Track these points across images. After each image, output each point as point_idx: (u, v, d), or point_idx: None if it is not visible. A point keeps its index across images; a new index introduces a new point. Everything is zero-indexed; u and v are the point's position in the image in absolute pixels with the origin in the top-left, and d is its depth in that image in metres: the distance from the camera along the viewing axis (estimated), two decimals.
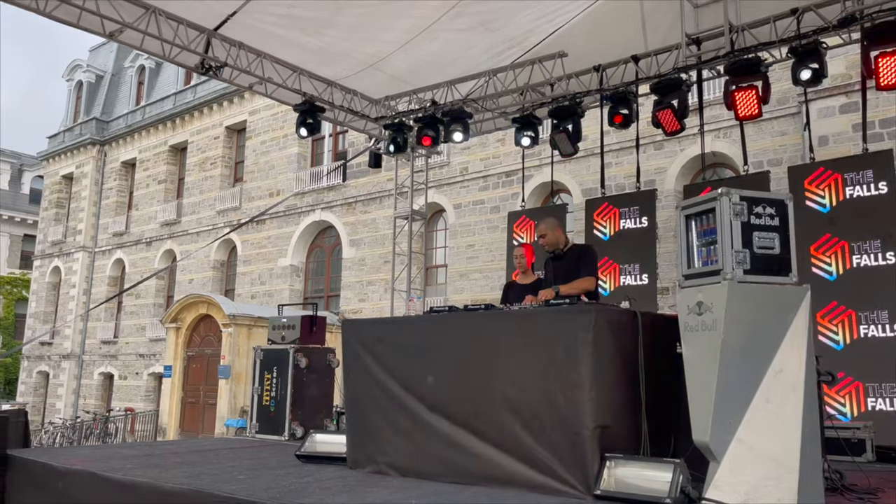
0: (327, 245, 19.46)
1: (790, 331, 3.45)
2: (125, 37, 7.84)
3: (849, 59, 10.43)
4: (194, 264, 22.29)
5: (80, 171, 27.59)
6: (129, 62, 27.09)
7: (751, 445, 3.41)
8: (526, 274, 6.29)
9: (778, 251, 3.48)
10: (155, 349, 22.29)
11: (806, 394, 3.38)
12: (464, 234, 15.84)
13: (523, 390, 3.92)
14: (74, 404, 25.31)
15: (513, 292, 5.95)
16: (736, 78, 7.46)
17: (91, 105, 28.05)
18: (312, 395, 7.15)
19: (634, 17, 8.28)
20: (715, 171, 12.92)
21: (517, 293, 5.67)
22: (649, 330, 3.94)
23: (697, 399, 3.48)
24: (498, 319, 4.25)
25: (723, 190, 3.46)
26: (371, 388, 4.61)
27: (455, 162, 16.28)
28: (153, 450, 5.77)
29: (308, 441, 5.04)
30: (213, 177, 22.48)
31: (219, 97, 22.27)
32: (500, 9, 8.21)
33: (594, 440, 3.60)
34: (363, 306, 17.35)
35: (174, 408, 16.86)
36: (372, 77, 9.58)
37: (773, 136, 11.76)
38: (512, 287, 6.24)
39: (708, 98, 12.00)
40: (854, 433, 5.31)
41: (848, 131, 10.44)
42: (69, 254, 27.02)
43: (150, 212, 24.51)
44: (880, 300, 6.82)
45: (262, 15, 8.01)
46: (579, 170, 13.91)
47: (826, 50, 7.18)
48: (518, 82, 9.19)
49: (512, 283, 6.38)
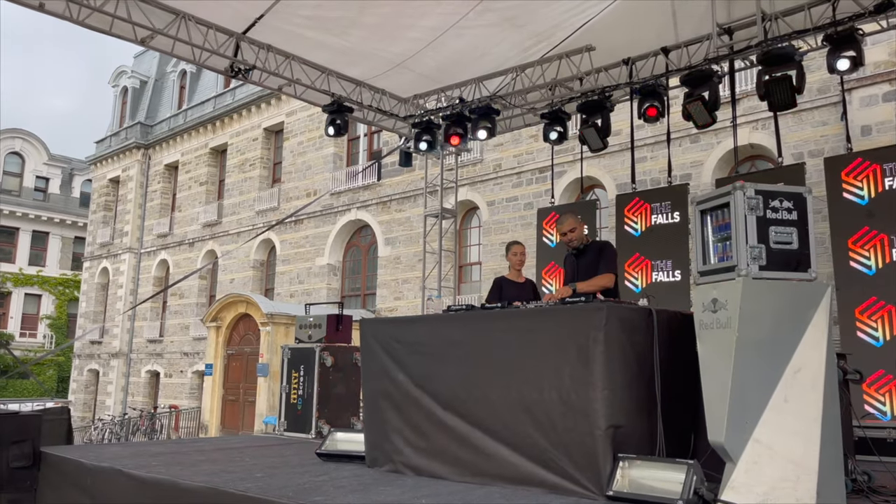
0: (363, 244, 19.61)
1: (810, 328, 3.34)
2: (156, 43, 8.00)
3: (892, 45, 10.06)
4: (235, 264, 22.71)
5: (126, 174, 28.36)
6: (171, 67, 27.74)
7: (769, 446, 3.31)
8: (518, 272, 6.16)
9: (796, 246, 3.37)
10: (198, 347, 22.79)
11: (826, 393, 3.26)
12: (497, 231, 15.78)
13: (537, 389, 3.88)
14: (123, 401, 26.06)
15: (507, 290, 5.83)
16: (769, 67, 7.25)
17: (136, 110, 28.80)
18: (339, 394, 7.21)
19: (664, 7, 8.11)
20: (754, 163, 12.61)
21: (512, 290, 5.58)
22: (665, 328, 3.86)
23: (712, 398, 3.39)
24: (513, 318, 4.21)
25: (737, 183, 3.36)
26: (387, 387, 4.62)
27: (488, 159, 16.22)
28: (181, 447, 5.89)
29: (329, 439, 5.08)
30: (251, 178, 22.86)
31: (256, 99, 22.63)
32: (526, 4, 8.13)
33: (607, 440, 3.53)
34: (398, 304, 17.44)
35: (215, 405, 17.22)
36: (400, 76, 9.59)
37: (813, 126, 11.41)
38: (506, 283, 6.07)
39: (745, 89, 11.73)
40: (890, 433, 5.11)
41: (892, 120, 10.05)
42: (116, 255, 27.80)
43: (193, 213, 25.05)
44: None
45: (288, 17, 8.08)
46: (614, 164, 13.72)
47: (863, 37, 6.92)
48: (546, 77, 9.10)
49: (505, 280, 6.18)
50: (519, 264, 6.20)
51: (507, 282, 6.13)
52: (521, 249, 6.24)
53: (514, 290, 5.91)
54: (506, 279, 6.19)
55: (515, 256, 6.18)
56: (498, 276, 6.28)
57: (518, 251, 6.21)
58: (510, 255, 6.21)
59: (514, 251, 6.21)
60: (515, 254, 6.19)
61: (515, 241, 6.38)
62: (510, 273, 6.27)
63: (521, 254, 6.21)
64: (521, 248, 6.27)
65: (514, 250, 6.22)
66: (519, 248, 6.24)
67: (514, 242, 6.32)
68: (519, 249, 6.23)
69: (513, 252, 6.22)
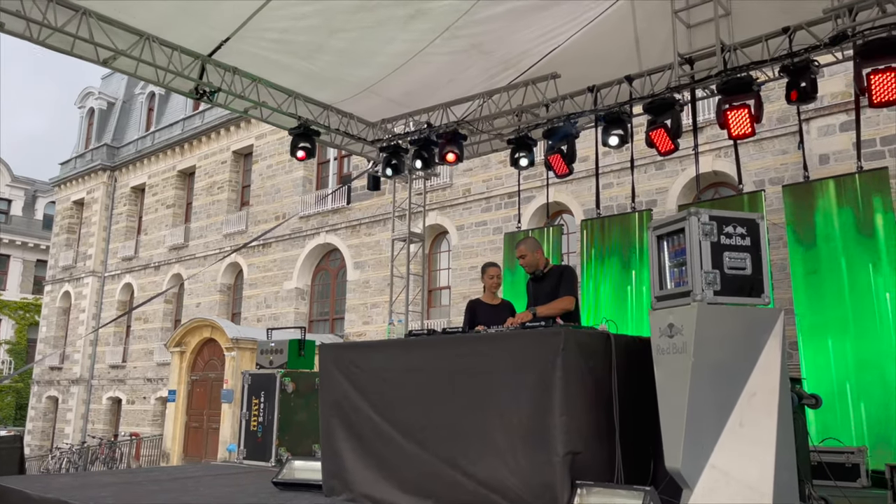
0: (332, 268, 19.47)
1: (763, 353, 3.36)
2: (119, 64, 7.91)
3: (848, 77, 10.32)
4: (201, 288, 22.37)
5: (91, 196, 27.89)
6: (139, 89, 27.50)
7: (725, 471, 3.30)
8: (494, 295, 6.09)
9: (750, 272, 3.40)
10: (162, 373, 22.31)
11: (780, 418, 3.27)
12: (467, 255, 15.79)
13: (497, 415, 3.84)
14: (83, 429, 25.34)
15: (481, 313, 5.77)
16: (728, 97, 7.40)
17: (102, 131, 28.44)
18: (300, 420, 7.07)
19: (628, 37, 8.28)
20: (717, 190, 12.83)
21: (486, 314, 5.54)
22: (624, 353, 3.85)
23: (669, 424, 3.39)
24: (473, 343, 4.18)
25: (692, 209, 3.39)
26: (347, 413, 4.54)
27: (458, 183, 16.28)
28: (134, 477, 5.71)
29: (286, 468, 4.97)
30: (220, 201, 22.64)
31: (226, 122, 22.51)
32: (494, 31, 8.22)
33: (564, 467, 3.50)
34: (367, 329, 17.30)
35: (178, 432, 16.82)
36: (368, 100, 9.60)
37: (773, 154, 11.66)
38: (479, 307, 5.99)
39: (709, 118, 11.97)
40: (848, 458, 5.16)
41: (849, 149, 10.31)
42: (79, 278, 27.23)
43: (159, 236, 24.69)
44: None
45: (255, 40, 8.06)
46: (581, 190, 13.86)
47: (818, 68, 7.11)
48: (512, 104, 9.18)
49: (479, 303, 6.08)
50: (494, 287, 6.12)
51: (481, 304, 6.04)
52: (496, 272, 6.16)
53: (490, 312, 5.79)
54: (480, 302, 6.10)
55: (492, 279, 6.08)
56: (472, 300, 6.18)
57: (494, 273, 6.12)
58: (486, 277, 6.10)
59: (490, 273, 6.11)
60: (491, 276, 6.09)
61: (492, 263, 6.28)
62: (485, 296, 6.16)
63: (497, 276, 6.14)
64: (497, 269, 6.19)
65: (490, 272, 6.11)
66: (495, 271, 6.15)
67: (491, 264, 6.23)
68: (495, 272, 6.14)
69: (489, 274, 6.11)
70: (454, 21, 7.85)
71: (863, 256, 6.94)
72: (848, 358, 6.83)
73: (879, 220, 6.95)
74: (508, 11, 7.80)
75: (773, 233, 9.24)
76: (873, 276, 6.85)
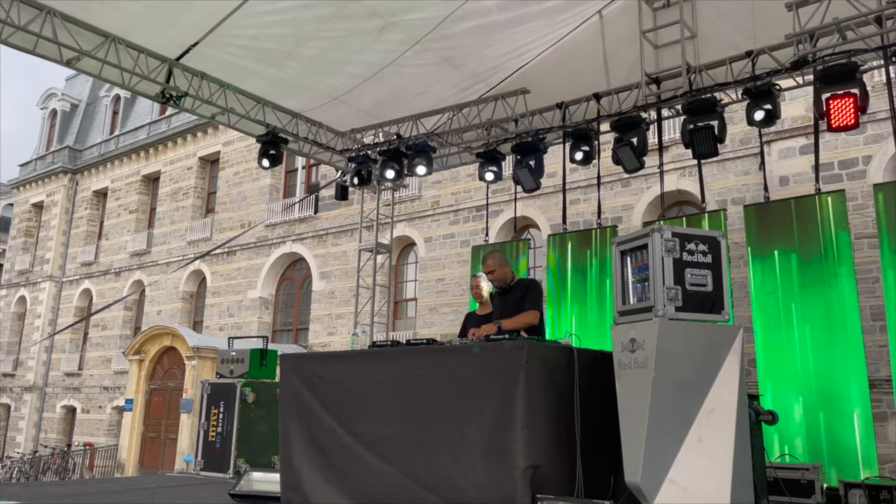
0: (297, 277, 19.28)
1: (723, 369, 3.41)
2: (83, 65, 7.77)
3: (808, 101, 10.59)
4: (163, 295, 21.96)
5: (51, 199, 27.26)
6: (104, 92, 27.01)
7: (683, 487, 3.33)
8: (484, 304, 6.12)
9: (710, 288, 3.45)
10: (120, 382, 21.79)
11: (738, 434, 3.31)
12: (434, 267, 15.77)
13: (458, 429, 3.82)
14: (35, 438, 24.59)
15: (470, 324, 5.79)
16: (693, 117, 7.55)
17: (65, 133, 27.84)
18: (260, 431, 6.96)
19: (597, 55, 8.40)
20: (681, 208, 13.04)
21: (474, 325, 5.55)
22: (587, 367, 3.87)
23: (630, 438, 3.41)
24: (436, 355, 4.16)
25: (655, 226, 3.43)
26: (308, 425, 4.48)
27: (426, 196, 16.29)
28: (87, 488, 5.55)
29: (244, 479, 4.88)
30: (184, 207, 22.30)
31: (193, 128, 22.21)
32: (465, 45, 8.28)
33: (525, 481, 3.49)
34: (332, 340, 17.14)
35: (134, 443, 16.43)
36: (337, 109, 9.57)
37: (736, 175, 11.91)
38: (470, 318, 6.06)
39: (674, 137, 12.18)
40: (803, 474, 5.25)
41: (808, 171, 10.57)
42: (35, 283, 26.53)
43: (121, 242, 24.20)
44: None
45: (224, 46, 7.98)
46: (548, 205, 13.96)
47: (779, 92, 7.29)
48: (482, 118, 9.24)
49: (471, 315, 6.18)
50: (476, 297, 6.17)
51: (472, 316, 6.12)
52: (475, 282, 6.20)
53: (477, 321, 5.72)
54: (473, 314, 6.18)
55: (472, 290, 6.18)
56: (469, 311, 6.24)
57: (474, 284, 6.19)
58: (470, 288, 6.21)
59: (472, 284, 6.22)
60: (472, 287, 6.19)
61: (474, 274, 6.35)
62: (479, 307, 6.21)
63: (476, 286, 6.17)
64: (476, 280, 6.22)
65: (472, 283, 6.23)
66: (474, 281, 6.21)
67: (474, 275, 6.31)
68: (474, 282, 6.20)
69: (471, 286, 6.23)
70: (425, 34, 7.88)
71: (821, 275, 7.10)
72: (805, 376, 6.96)
73: (837, 241, 7.13)
74: (480, 27, 7.87)
75: (734, 252, 9.42)
76: (831, 295, 7.01)
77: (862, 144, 10.40)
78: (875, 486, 4.47)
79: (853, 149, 10.46)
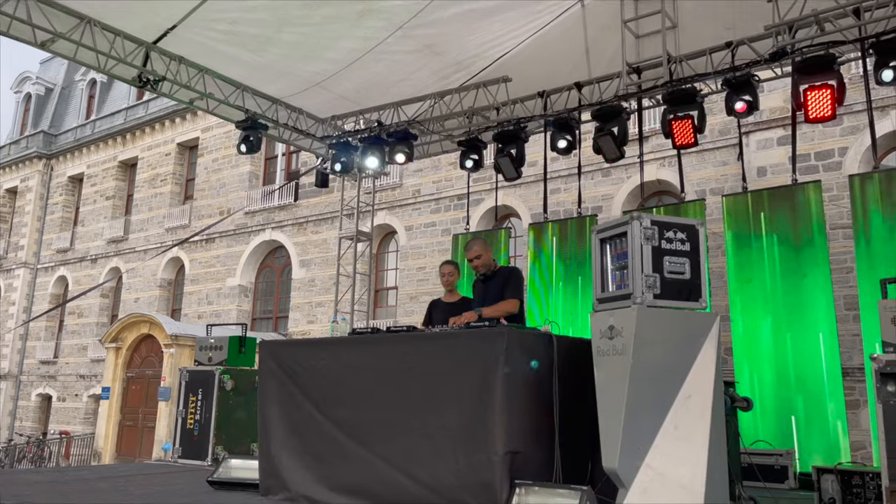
0: (277, 265, 19.17)
1: (700, 356, 3.44)
2: (57, 47, 7.62)
3: (786, 92, 10.69)
4: (140, 283, 21.73)
5: (25, 185, 26.81)
6: (79, 75, 26.55)
7: (660, 472, 3.37)
8: (452, 293, 6.09)
9: (688, 276, 3.48)
10: (96, 370, 21.57)
11: (713, 420, 3.36)
12: (415, 255, 15.76)
13: (438, 415, 3.83)
14: (10, 426, 24.30)
15: (437, 312, 5.78)
16: (673, 107, 7.59)
17: (39, 118, 27.37)
18: (239, 419, 6.93)
19: (579, 44, 8.39)
20: (661, 198, 13.13)
21: (441, 313, 5.53)
22: (566, 354, 3.89)
23: (607, 424, 3.44)
24: (416, 342, 4.16)
25: (634, 213, 3.45)
26: (287, 412, 4.47)
27: (407, 184, 16.24)
28: (62, 476, 5.49)
29: (222, 466, 4.86)
30: (162, 194, 22.04)
31: (171, 113, 21.93)
32: (447, 33, 8.23)
33: (504, 466, 3.51)
34: (312, 328, 17.08)
35: (111, 431, 16.29)
36: (318, 96, 9.49)
37: (714, 165, 12.00)
38: (437, 306, 6.01)
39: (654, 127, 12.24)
40: (777, 460, 5.33)
41: (785, 163, 10.69)
42: (10, 270, 26.12)
43: (97, 228, 23.88)
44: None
45: (203, 30, 7.87)
46: (529, 194, 13.99)
47: (758, 83, 7.34)
48: (463, 105, 9.20)
49: (437, 302, 6.13)
50: (447, 284, 6.12)
51: (438, 304, 6.07)
52: (448, 270, 6.14)
53: (446, 310, 5.76)
54: (439, 301, 6.12)
55: (443, 277, 6.11)
56: (434, 299, 6.17)
57: (446, 271, 6.12)
58: (440, 276, 6.15)
59: (442, 272, 6.13)
60: (443, 274, 6.11)
61: (446, 262, 6.30)
62: (445, 295, 6.16)
63: (450, 273, 6.11)
64: (449, 268, 6.17)
65: (442, 271, 6.14)
66: (447, 269, 6.14)
67: (445, 262, 6.26)
68: (447, 270, 6.13)
69: (441, 273, 6.15)
70: (406, 20, 7.82)
71: (796, 265, 7.20)
72: (780, 364, 7.07)
73: (812, 231, 7.23)
74: (461, 14, 7.82)
75: (712, 241, 9.51)
76: (806, 284, 7.11)
77: (838, 136, 10.53)
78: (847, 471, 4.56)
79: (830, 140, 10.58)
